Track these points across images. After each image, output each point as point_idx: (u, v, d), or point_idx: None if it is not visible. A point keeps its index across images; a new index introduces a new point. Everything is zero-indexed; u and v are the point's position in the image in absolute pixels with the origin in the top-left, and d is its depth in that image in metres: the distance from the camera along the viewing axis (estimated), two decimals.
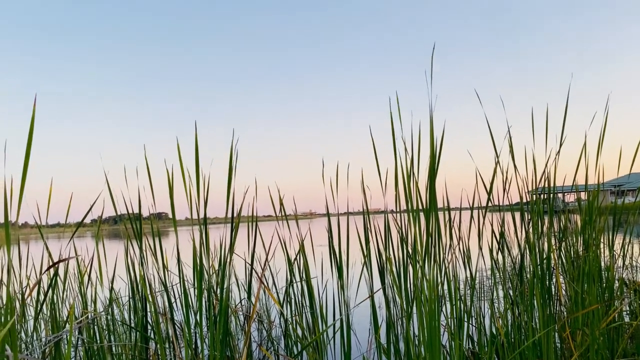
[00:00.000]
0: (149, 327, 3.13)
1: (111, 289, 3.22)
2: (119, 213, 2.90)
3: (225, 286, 2.66)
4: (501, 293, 3.25)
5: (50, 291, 2.92)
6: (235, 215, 2.87)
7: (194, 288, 2.86)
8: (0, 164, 1.80)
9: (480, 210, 3.07)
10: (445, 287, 2.80)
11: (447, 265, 2.84)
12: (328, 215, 3.16)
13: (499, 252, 3.10)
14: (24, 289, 3.12)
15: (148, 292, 2.81)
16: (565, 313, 3.15)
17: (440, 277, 2.55)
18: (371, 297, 3.21)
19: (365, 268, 3.24)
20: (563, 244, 3.18)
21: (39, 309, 2.76)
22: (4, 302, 2.35)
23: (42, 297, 2.95)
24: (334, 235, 3.23)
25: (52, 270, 2.83)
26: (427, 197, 2.44)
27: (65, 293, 3.15)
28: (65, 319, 3.09)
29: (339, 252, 3.21)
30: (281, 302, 3.39)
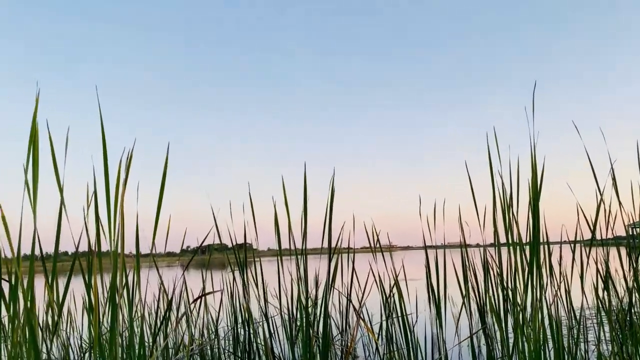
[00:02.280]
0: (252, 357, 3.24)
1: (218, 319, 3.38)
2: (216, 244, 3.09)
3: (327, 323, 2.69)
4: (608, 335, 2.99)
5: (165, 320, 3.13)
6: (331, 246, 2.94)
7: (293, 320, 2.94)
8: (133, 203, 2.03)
9: (582, 245, 2.89)
10: (547, 328, 2.64)
11: (549, 304, 2.69)
12: (425, 249, 3.12)
13: (604, 290, 2.88)
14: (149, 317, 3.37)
15: (247, 321, 2.92)
16: None
17: (542, 315, 2.42)
18: (471, 337, 3.10)
19: (464, 307, 3.15)
20: None
21: (155, 336, 2.97)
22: (135, 330, 2.56)
23: (153, 324, 3.18)
24: (432, 270, 3.18)
25: (164, 300, 3.05)
26: (529, 230, 2.36)
27: (178, 322, 3.36)
28: (174, 345, 3.29)
29: (437, 287, 3.15)
30: (376, 337, 3.37)
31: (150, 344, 2.85)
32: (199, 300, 3.30)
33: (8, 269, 1.97)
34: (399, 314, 3.28)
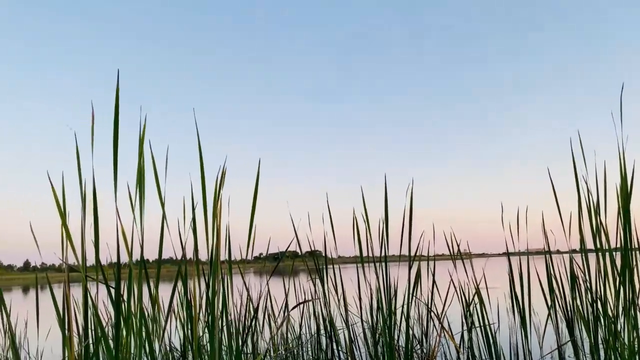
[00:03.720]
0: None
1: (301, 325, 3.49)
2: (285, 252, 3.20)
3: (409, 332, 2.72)
4: None
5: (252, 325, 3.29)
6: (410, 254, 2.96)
7: (372, 328, 2.98)
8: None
9: None
10: None
11: None
12: (508, 256, 3.07)
13: None
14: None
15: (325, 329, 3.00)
16: None
17: (636, 326, 2.31)
18: (559, 348, 3.00)
19: (550, 318, 3.05)
20: None
21: (244, 341, 3.12)
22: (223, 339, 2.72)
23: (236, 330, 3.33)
24: (515, 278, 3.12)
25: (250, 306, 3.21)
26: (619, 236, 2.27)
27: (262, 328, 3.51)
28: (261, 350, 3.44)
29: (522, 296, 3.08)
30: (458, 347, 3.33)
31: (240, 348, 3.00)
32: (282, 307, 3.43)
33: (114, 274, 2.18)
34: (481, 323, 3.23)
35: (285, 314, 3.38)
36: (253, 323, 3.13)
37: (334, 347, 3.18)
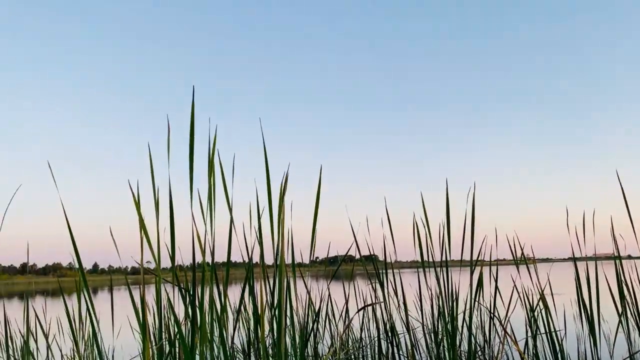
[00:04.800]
0: None
1: (346, 326, 3.52)
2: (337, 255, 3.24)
3: (471, 339, 2.69)
4: None
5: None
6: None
7: (434, 333, 2.97)
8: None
9: None
10: None
11: None
12: (575, 260, 2.98)
13: None
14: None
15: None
16: None
17: None
18: (631, 358, 2.88)
19: (620, 326, 2.93)
20: None
21: (306, 343, 3.19)
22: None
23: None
24: (582, 284, 3.02)
25: (312, 309, 3.27)
26: None
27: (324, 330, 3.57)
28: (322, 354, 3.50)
29: (590, 302, 2.98)
30: (523, 353, 3.26)
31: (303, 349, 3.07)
32: (342, 311, 3.48)
33: (190, 277, 2.30)
34: (547, 330, 3.14)
35: (346, 317, 3.42)
36: (315, 326, 3.19)
37: (395, 351, 3.19)
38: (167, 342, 2.40)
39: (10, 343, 3.67)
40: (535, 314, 3.18)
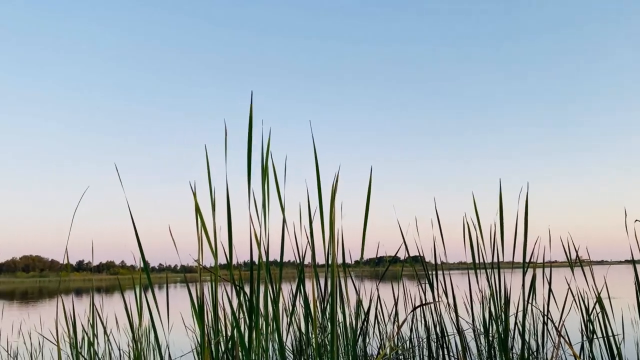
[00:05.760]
0: None
1: (399, 327, 3.53)
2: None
3: (524, 343, 2.65)
4: None
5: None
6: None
7: (485, 336, 2.94)
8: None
9: None
10: None
11: None
12: (634, 263, 2.87)
13: None
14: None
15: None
16: None
17: None
18: None
19: None
20: None
21: (356, 342, 3.23)
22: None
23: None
24: None
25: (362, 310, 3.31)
26: None
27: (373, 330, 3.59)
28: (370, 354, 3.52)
29: None
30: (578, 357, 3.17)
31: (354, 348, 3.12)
32: (392, 312, 3.50)
33: (240, 274, 2.38)
34: (604, 334, 3.05)
35: (395, 318, 3.44)
36: (365, 325, 3.22)
37: (444, 353, 3.17)
38: (223, 339, 2.48)
39: (75, 336, 3.88)
40: (592, 317, 3.09)
